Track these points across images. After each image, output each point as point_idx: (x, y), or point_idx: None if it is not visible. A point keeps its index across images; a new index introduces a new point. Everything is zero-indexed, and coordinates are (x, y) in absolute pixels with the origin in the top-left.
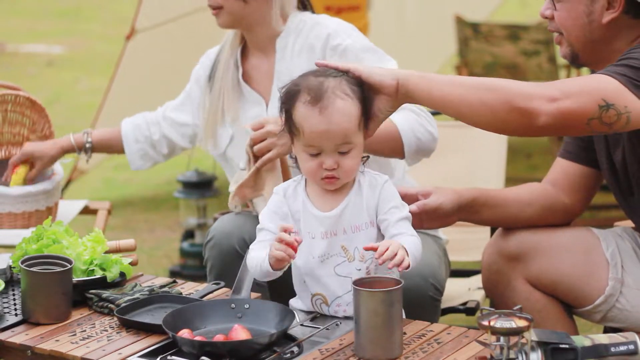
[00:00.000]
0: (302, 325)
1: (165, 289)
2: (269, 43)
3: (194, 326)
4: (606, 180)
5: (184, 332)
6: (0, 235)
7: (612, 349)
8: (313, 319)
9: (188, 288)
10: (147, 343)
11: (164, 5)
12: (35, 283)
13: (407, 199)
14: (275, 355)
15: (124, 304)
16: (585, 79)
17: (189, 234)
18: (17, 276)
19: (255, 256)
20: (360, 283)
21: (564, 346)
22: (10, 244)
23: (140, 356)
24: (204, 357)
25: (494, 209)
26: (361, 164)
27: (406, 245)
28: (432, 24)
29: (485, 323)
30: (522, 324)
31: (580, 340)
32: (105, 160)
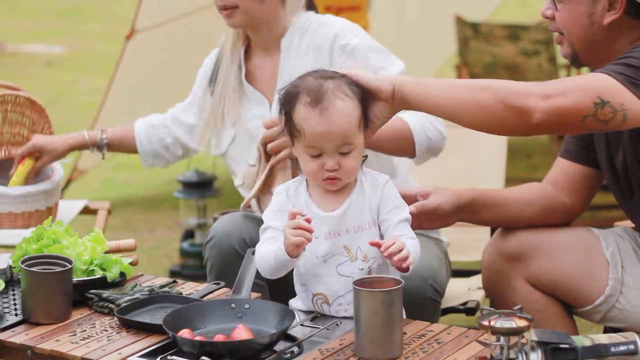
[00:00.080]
0: (302, 325)
1: (166, 289)
2: (274, 42)
3: (194, 326)
4: (606, 180)
5: (184, 332)
6: (0, 235)
7: (612, 349)
8: (313, 319)
9: (188, 288)
10: (147, 343)
11: (164, 5)
12: (36, 283)
13: (407, 200)
14: (275, 355)
15: (124, 304)
16: (582, 77)
17: (189, 234)
18: (17, 276)
19: (266, 250)
20: (360, 283)
21: (564, 346)
22: (10, 244)
23: (141, 356)
24: (204, 357)
25: (493, 209)
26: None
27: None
28: (432, 24)
29: (485, 323)
30: (522, 324)
31: (580, 340)
32: (105, 160)
